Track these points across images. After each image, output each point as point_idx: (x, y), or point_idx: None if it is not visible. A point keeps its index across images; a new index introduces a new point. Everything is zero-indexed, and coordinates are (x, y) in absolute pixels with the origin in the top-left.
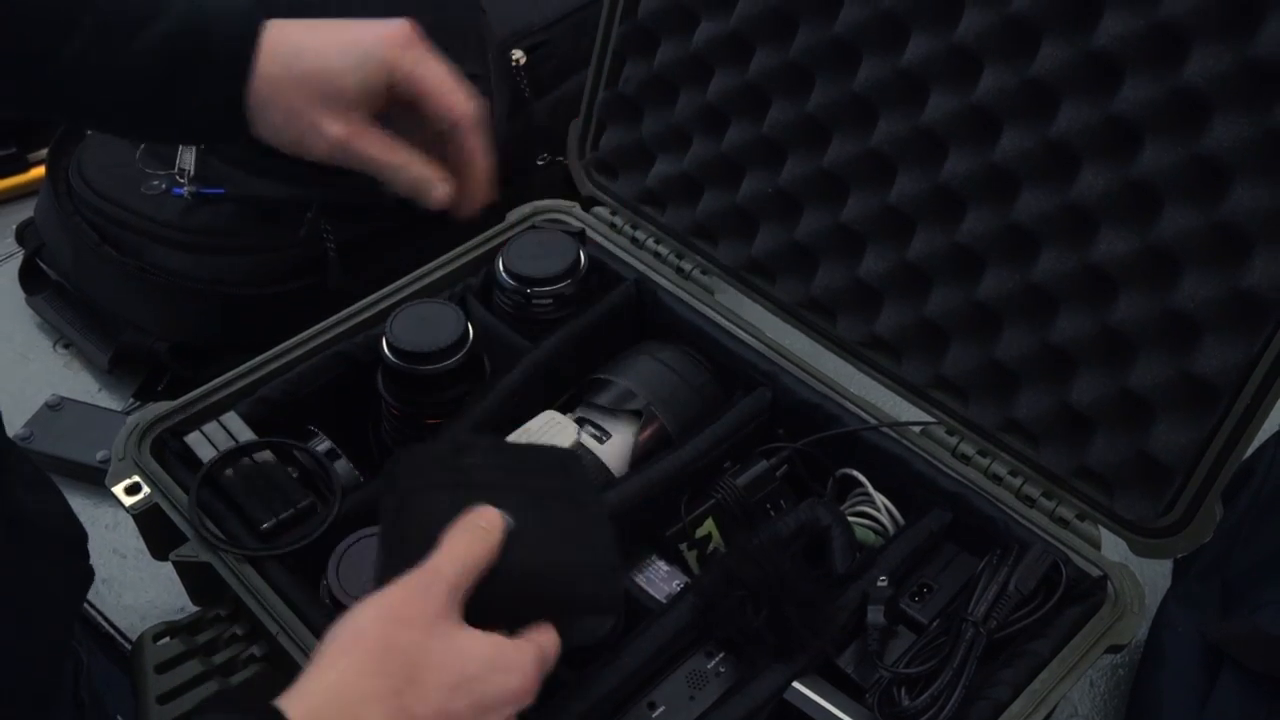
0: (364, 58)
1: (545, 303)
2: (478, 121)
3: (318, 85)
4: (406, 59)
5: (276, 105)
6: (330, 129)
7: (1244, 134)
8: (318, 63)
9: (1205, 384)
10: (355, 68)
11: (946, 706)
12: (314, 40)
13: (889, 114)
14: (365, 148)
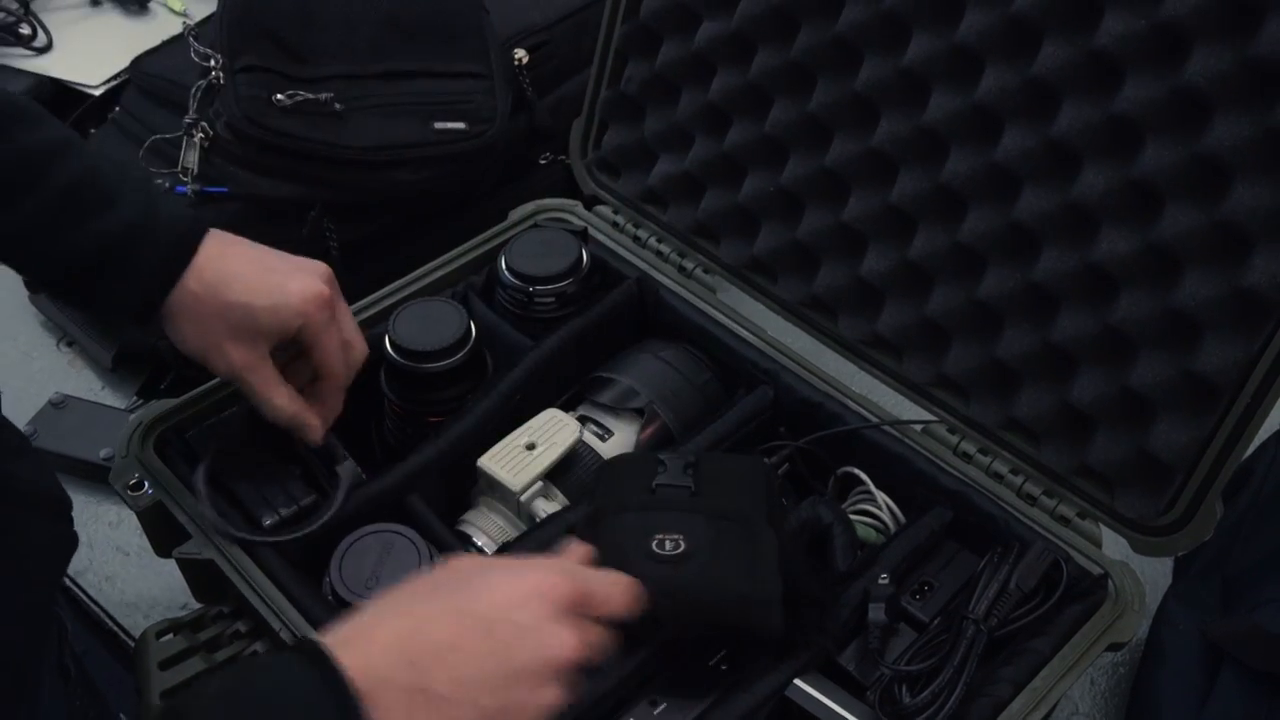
0: (284, 307)
1: (547, 301)
2: (345, 381)
3: (236, 317)
4: (318, 320)
5: (191, 319)
6: (233, 355)
7: (1245, 133)
8: (242, 297)
9: (1206, 383)
10: (273, 312)
11: (947, 704)
12: (245, 271)
13: (890, 113)
14: (258, 381)
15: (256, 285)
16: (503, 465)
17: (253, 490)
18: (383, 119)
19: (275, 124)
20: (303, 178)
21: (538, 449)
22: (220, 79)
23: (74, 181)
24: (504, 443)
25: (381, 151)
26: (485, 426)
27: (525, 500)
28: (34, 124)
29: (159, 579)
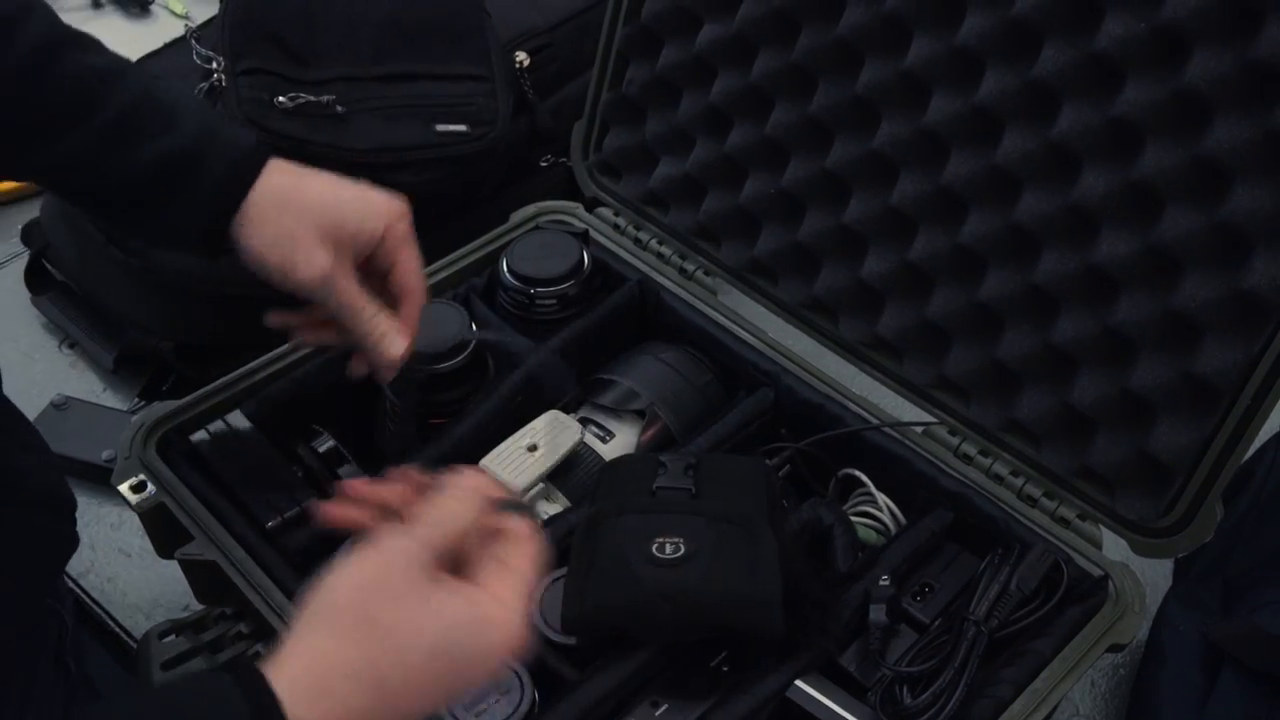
0: (370, 210)
1: (549, 303)
2: (423, 301)
3: (320, 215)
4: (402, 230)
5: (271, 222)
6: (320, 257)
7: (1244, 136)
8: (324, 197)
9: (1206, 384)
10: (360, 214)
11: (948, 705)
12: (321, 181)
13: (891, 116)
14: (348, 286)
15: (339, 190)
16: (504, 467)
17: (255, 491)
18: (384, 121)
19: (277, 126)
20: None
21: (539, 450)
22: (222, 81)
23: (133, 102)
24: (505, 444)
25: (383, 153)
26: (487, 428)
27: (527, 502)
28: (87, 49)
29: (160, 580)
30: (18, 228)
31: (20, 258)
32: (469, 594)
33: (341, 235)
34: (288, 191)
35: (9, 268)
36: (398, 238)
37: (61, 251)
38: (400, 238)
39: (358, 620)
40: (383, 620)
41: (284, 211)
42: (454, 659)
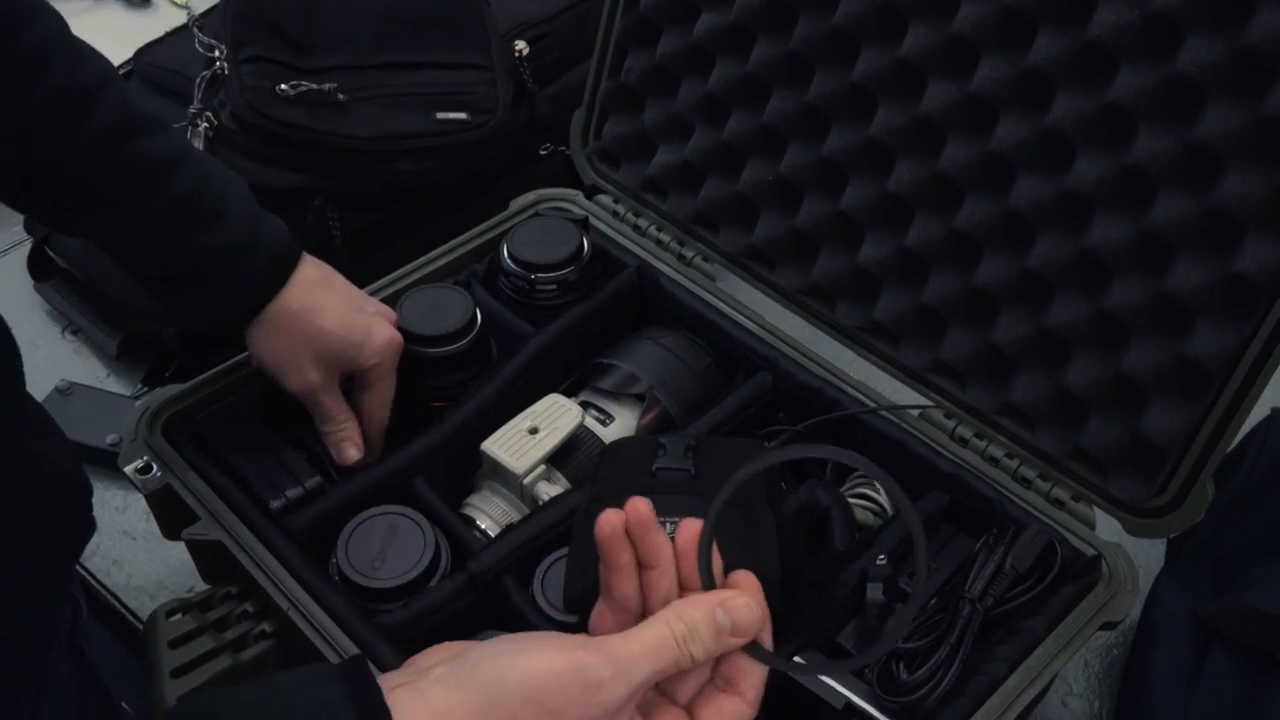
0: (368, 346)
1: (549, 288)
2: (379, 429)
3: (324, 343)
4: (388, 366)
5: (280, 335)
6: (311, 376)
7: (1236, 122)
8: (336, 328)
9: (1198, 367)
10: (358, 348)
11: (944, 681)
12: (338, 305)
13: (887, 103)
14: (327, 401)
15: (348, 320)
16: (506, 449)
17: (260, 473)
18: (385, 109)
19: (279, 114)
20: (306, 167)
21: (540, 433)
22: (224, 69)
23: (187, 193)
24: (507, 427)
25: (384, 141)
26: (488, 411)
27: (528, 483)
28: (154, 133)
29: (165, 563)
30: (20, 216)
31: (23, 245)
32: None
33: (334, 364)
34: (304, 312)
35: (12, 255)
36: (382, 371)
37: (64, 239)
38: (384, 372)
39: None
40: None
41: (292, 332)
42: None
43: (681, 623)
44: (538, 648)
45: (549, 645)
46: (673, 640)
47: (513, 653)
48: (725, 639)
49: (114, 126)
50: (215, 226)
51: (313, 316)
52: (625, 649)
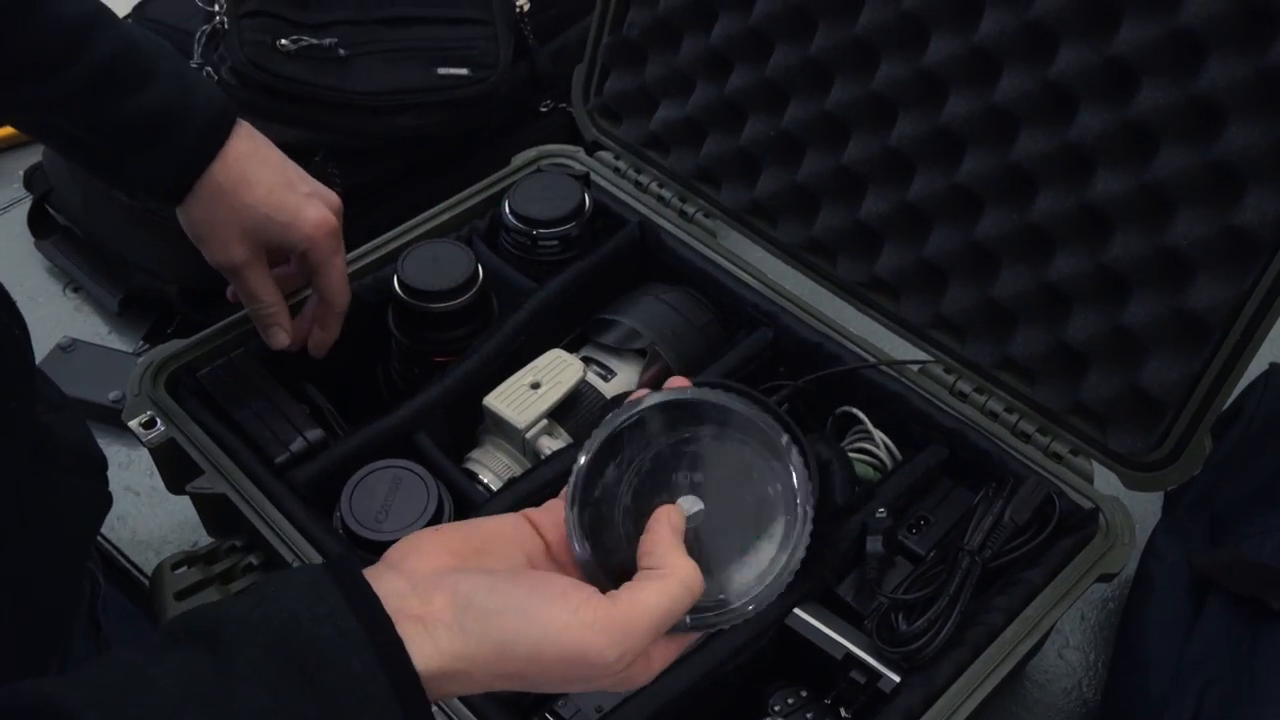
0: (295, 228)
1: (551, 244)
2: (343, 309)
3: (250, 219)
4: (325, 247)
5: (206, 207)
6: (234, 250)
7: (1239, 74)
8: (261, 206)
9: (1197, 320)
10: (284, 229)
11: (943, 631)
12: (268, 179)
13: (890, 57)
14: (251, 280)
15: (277, 198)
16: (508, 403)
17: (263, 427)
18: (386, 64)
19: (280, 69)
20: (307, 122)
21: (542, 388)
22: (225, 24)
23: (114, 54)
24: (509, 382)
25: (385, 96)
26: (490, 366)
27: (530, 438)
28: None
29: (170, 517)
30: (19, 173)
31: (23, 203)
32: None
33: (263, 238)
34: (230, 186)
35: (12, 213)
36: (322, 252)
37: (65, 195)
38: (324, 253)
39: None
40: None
41: (217, 204)
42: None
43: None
44: (547, 615)
45: (558, 614)
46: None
47: (522, 611)
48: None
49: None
50: (145, 89)
51: (239, 190)
52: (632, 621)
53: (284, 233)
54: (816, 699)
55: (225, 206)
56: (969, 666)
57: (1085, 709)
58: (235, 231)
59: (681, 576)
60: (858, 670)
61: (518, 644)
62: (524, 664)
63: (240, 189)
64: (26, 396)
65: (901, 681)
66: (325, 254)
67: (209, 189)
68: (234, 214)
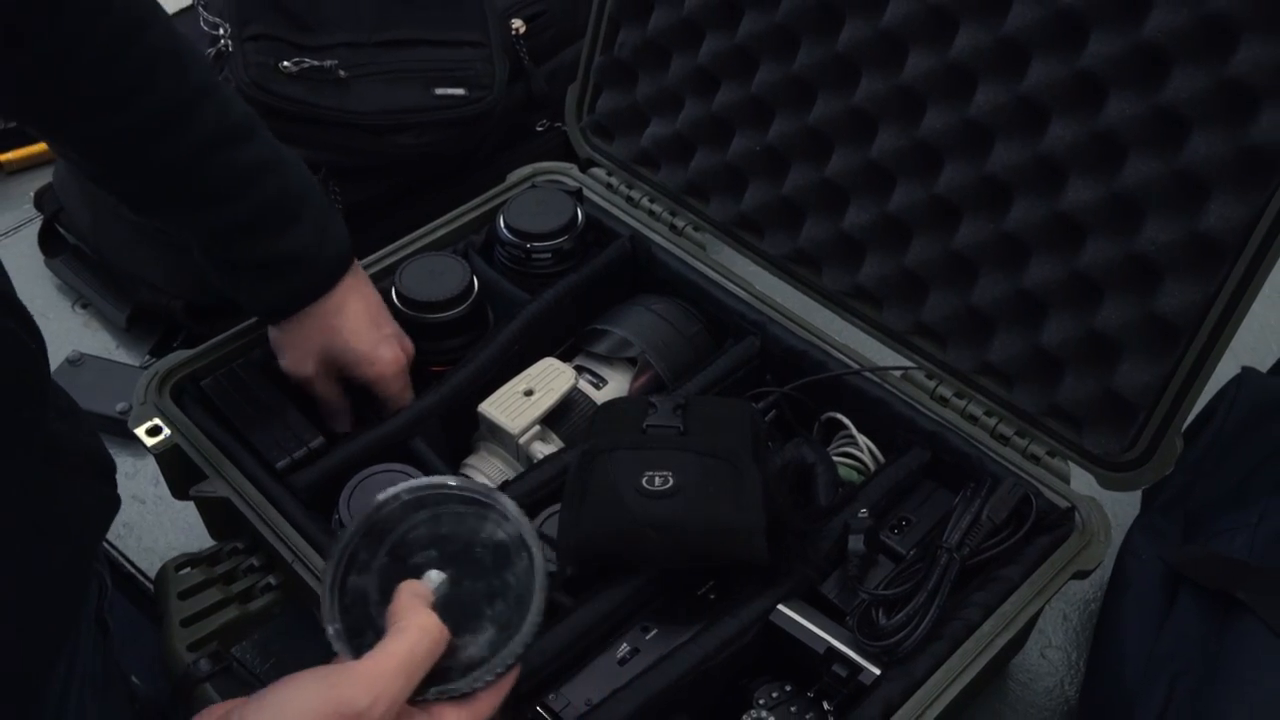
0: (369, 363)
1: (544, 257)
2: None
3: (333, 345)
4: (393, 385)
5: (299, 325)
6: (307, 366)
7: (1200, 85)
8: (349, 337)
9: (1166, 324)
10: (360, 361)
11: (921, 625)
12: (359, 313)
13: (870, 73)
14: (319, 388)
15: (362, 333)
16: (502, 410)
17: (265, 433)
18: (385, 85)
19: (282, 90)
20: (309, 142)
21: (535, 395)
22: (229, 47)
23: (271, 199)
24: (503, 389)
25: (384, 116)
26: (485, 375)
27: (523, 443)
28: (246, 140)
29: (175, 525)
30: (30, 194)
31: (34, 222)
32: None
33: (332, 364)
34: (325, 313)
35: (23, 232)
36: (389, 389)
37: (74, 215)
38: (391, 390)
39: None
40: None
41: (307, 326)
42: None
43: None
44: (299, 693)
45: (311, 686)
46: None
47: (278, 702)
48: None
49: (211, 137)
50: (290, 231)
51: (330, 317)
52: (377, 669)
53: (357, 363)
54: (800, 692)
55: (314, 329)
56: (947, 660)
57: (1067, 707)
58: (315, 350)
59: (420, 624)
60: (839, 664)
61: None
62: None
63: (332, 317)
64: (41, 406)
65: (881, 674)
66: (392, 391)
67: (307, 313)
68: (319, 336)
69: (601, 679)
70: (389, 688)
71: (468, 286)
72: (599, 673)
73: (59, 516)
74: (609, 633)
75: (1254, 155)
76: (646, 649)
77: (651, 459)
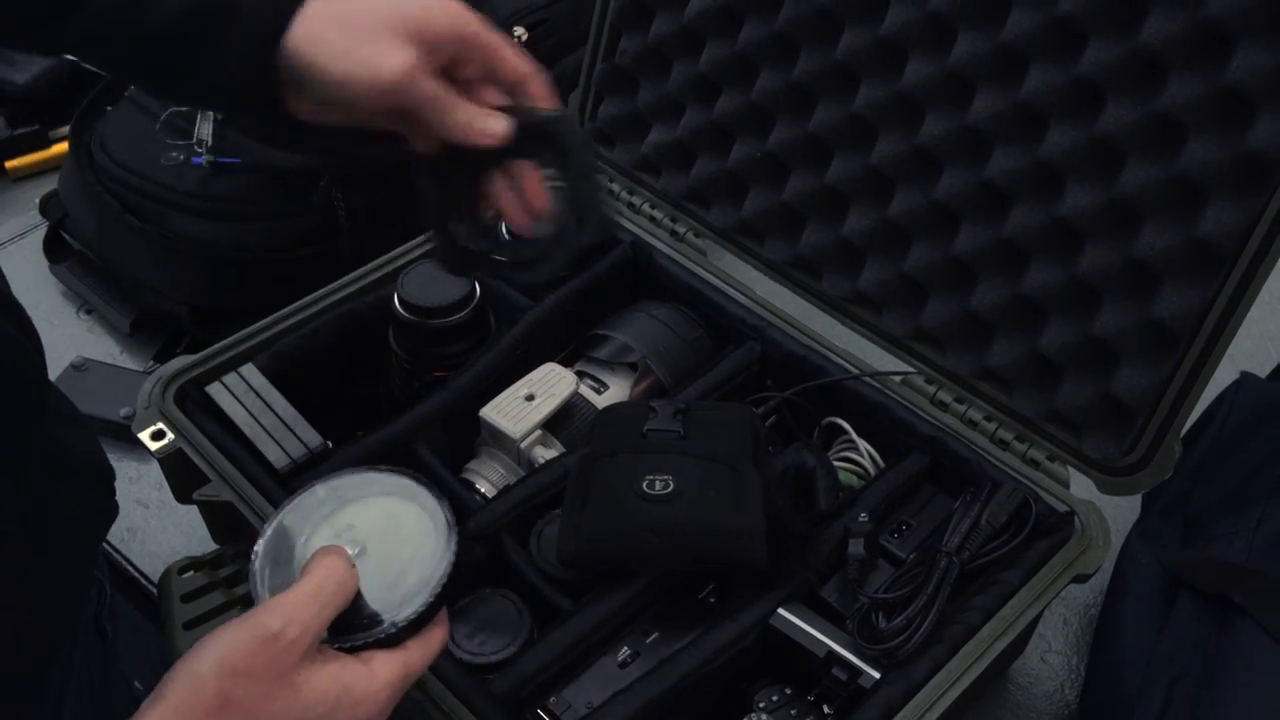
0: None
1: None
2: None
3: (396, 13)
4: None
5: (335, 35)
6: (398, 55)
7: (1197, 92)
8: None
9: (1164, 329)
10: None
11: (921, 628)
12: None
13: (870, 80)
14: (429, 83)
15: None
16: (504, 415)
17: (267, 437)
18: None
19: None
20: (310, 149)
21: (537, 400)
22: None
23: None
24: (505, 394)
25: None
26: (487, 380)
27: (525, 447)
28: None
29: (178, 529)
30: (36, 200)
31: (39, 229)
32: (337, 668)
33: (426, 33)
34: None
35: (28, 238)
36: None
37: (79, 221)
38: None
39: (219, 708)
40: (246, 708)
41: (348, 20)
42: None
43: (324, 565)
44: (220, 630)
45: (231, 624)
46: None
47: (200, 645)
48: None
49: None
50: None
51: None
52: (288, 597)
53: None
54: (800, 696)
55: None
56: (946, 663)
57: (1067, 711)
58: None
59: (328, 562)
60: (839, 667)
61: (200, 663)
62: (217, 680)
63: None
64: (40, 411)
65: (881, 678)
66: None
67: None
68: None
69: (602, 682)
70: (300, 613)
71: (470, 292)
72: (600, 676)
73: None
74: (609, 636)
75: (1251, 161)
76: (647, 652)
77: (652, 463)
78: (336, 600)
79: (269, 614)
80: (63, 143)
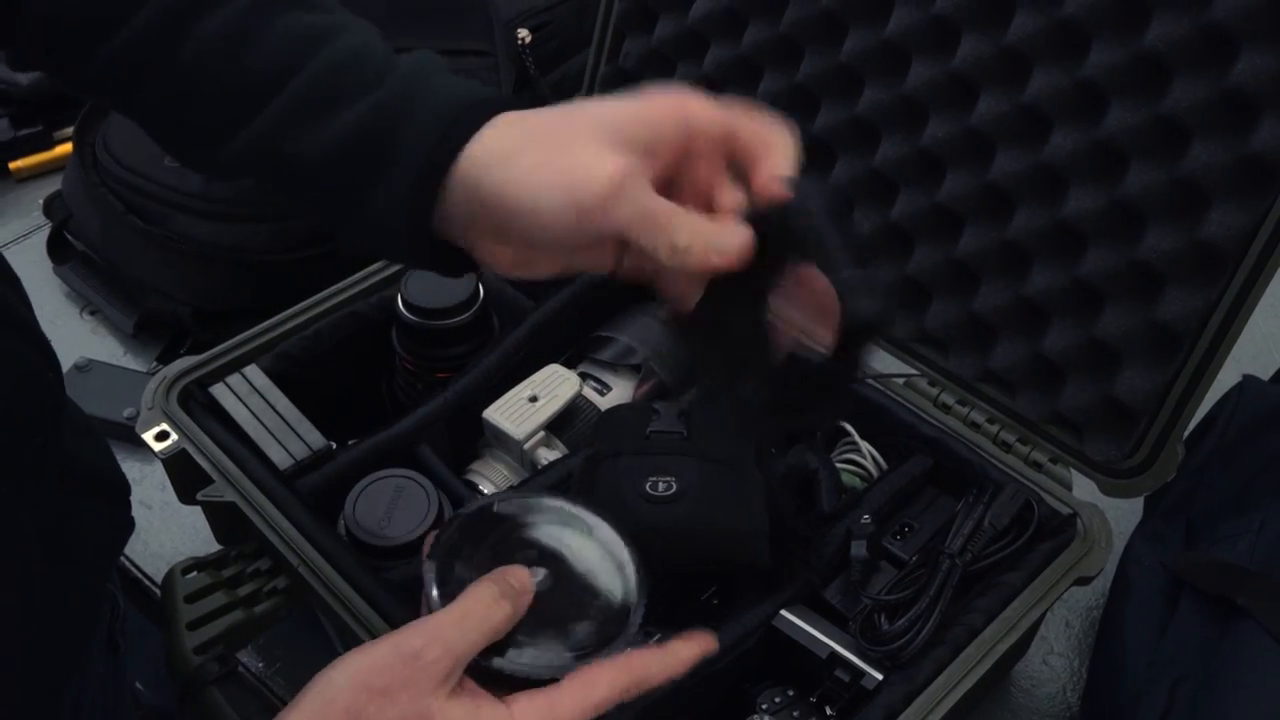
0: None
1: None
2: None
3: (601, 123)
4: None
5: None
6: (610, 161)
7: (1201, 95)
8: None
9: (1167, 331)
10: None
11: (923, 630)
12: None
13: (873, 82)
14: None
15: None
16: (507, 416)
17: (270, 438)
18: None
19: None
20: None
21: (539, 401)
22: None
23: (335, 64)
24: (508, 396)
25: None
26: (490, 381)
27: (528, 449)
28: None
29: (181, 530)
30: (39, 201)
31: (42, 230)
32: (472, 705)
33: (637, 141)
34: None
35: (32, 239)
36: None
37: (82, 222)
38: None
39: (347, 716)
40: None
41: (542, 138)
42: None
43: (490, 584)
44: (370, 646)
45: (380, 639)
46: (481, 603)
47: (342, 657)
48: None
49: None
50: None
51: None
52: (436, 619)
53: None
54: (802, 697)
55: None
56: (949, 665)
57: (1069, 713)
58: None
59: (484, 587)
60: (842, 669)
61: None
62: (350, 693)
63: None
64: (55, 431)
65: (884, 679)
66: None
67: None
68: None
69: None
70: (445, 634)
71: (473, 293)
72: None
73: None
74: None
75: (1254, 164)
76: None
77: (655, 464)
78: (484, 626)
79: (413, 631)
80: (66, 144)
